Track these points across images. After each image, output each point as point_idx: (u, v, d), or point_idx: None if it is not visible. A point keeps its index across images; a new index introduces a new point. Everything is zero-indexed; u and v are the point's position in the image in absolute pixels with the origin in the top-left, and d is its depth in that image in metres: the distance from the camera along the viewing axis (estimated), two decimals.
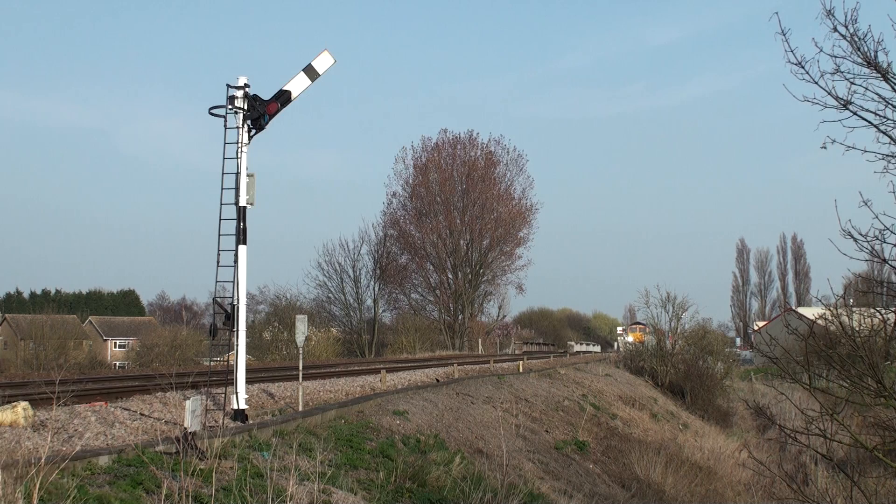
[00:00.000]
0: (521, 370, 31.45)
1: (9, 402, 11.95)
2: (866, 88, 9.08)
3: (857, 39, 8.92)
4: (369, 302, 69.36)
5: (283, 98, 14.48)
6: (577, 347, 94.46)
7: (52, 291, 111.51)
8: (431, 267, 68.43)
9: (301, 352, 17.10)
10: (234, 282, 14.07)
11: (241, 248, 14.08)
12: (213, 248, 13.85)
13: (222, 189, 14.32)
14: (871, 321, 11.90)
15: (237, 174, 14.19)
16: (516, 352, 68.68)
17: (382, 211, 70.55)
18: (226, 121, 14.22)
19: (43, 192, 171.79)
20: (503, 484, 13.59)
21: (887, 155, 9.15)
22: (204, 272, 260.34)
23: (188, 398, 12.12)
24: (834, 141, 9.10)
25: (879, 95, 9.09)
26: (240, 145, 14.18)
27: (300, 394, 15.95)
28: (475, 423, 19.36)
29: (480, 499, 11.89)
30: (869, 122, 9.18)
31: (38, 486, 6.93)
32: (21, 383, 19.15)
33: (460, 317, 67.24)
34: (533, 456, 18.77)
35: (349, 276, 68.12)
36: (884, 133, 9.20)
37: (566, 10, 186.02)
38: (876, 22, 8.95)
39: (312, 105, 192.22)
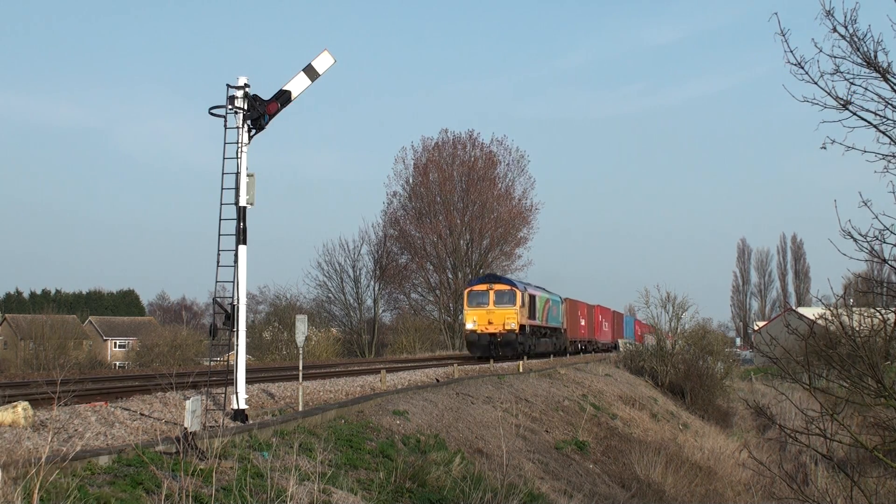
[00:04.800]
0: (521, 370, 31.43)
1: (9, 402, 11.95)
2: (866, 88, 9.10)
3: (856, 39, 8.93)
4: (369, 302, 69.44)
5: (283, 98, 14.49)
6: None
7: (52, 291, 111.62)
8: (431, 267, 68.41)
9: (301, 352, 17.10)
10: (234, 282, 14.08)
11: (241, 248, 14.09)
12: (213, 248, 13.89)
13: (222, 189, 14.35)
14: (871, 321, 11.92)
15: (237, 174, 14.20)
16: None
17: (382, 211, 70.60)
18: (226, 121, 14.23)
19: (43, 192, 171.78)
20: (503, 484, 13.59)
21: (887, 155, 9.17)
22: (204, 272, 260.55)
23: (188, 398, 12.13)
24: (834, 141, 9.13)
25: (879, 95, 9.10)
26: (240, 145, 14.19)
27: (300, 394, 15.95)
28: (475, 423, 19.36)
29: (480, 499, 11.89)
30: (869, 122, 9.19)
31: (38, 486, 6.93)
32: (21, 383, 19.17)
33: (460, 317, 67.28)
34: (533, 456, 18.77)
35: (349, 276, 68.20)
36: (884, 133, 9.22)
37: (566, 9, 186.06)
38: (876, 22, 8.96)
39: (312, 105, 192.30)
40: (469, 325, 38.26)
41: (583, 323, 55.50)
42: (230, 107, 14.17)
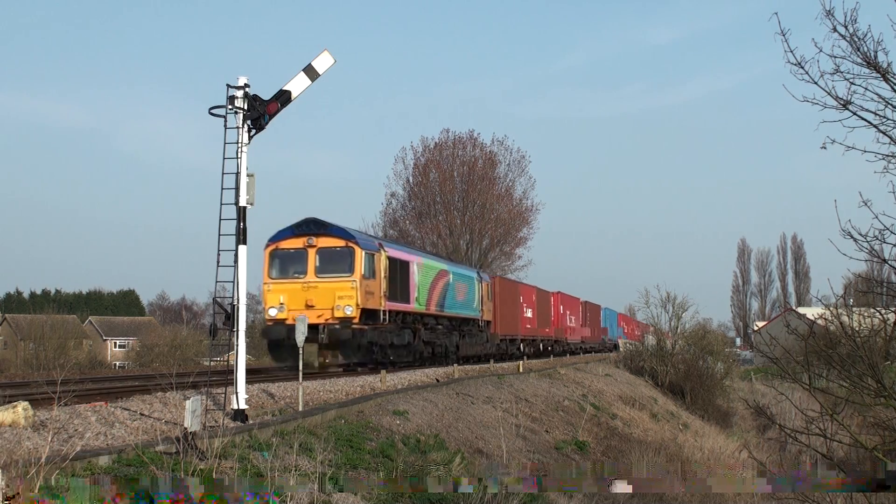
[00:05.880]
0: (521, 370, 31.44)
1: (9, 402, 11.95)
2: (866, 88, 9.13)
3: (856, 39, 8.95)
4: None
5: (283, 98, 14.48)
6: None
7: (52, 291, 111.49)
8: None
9: (301, 352, 17.08)
10: (234, 282, 14.09)
11: (241, 248, 14.09)
12: (213, 248, 13.89)
13: (222, 189, 14.36)
14: (871, 321, 11.94)
15: (237, 174, 14.19)
16: None
17: (381, 211, 70.50)
18: (226, 121, 14.22)
19: (43, 192, 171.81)
20: (503, 484, 13.57)
21: (887, 155, 9.19)
22: (204, 272, 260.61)
23: (188, 398, 12.12)
24: (834, 141, 9.15)
25: (879, 95, 9.12)
26: (240, 145, 14.18)
27: (300, 394, 15.95)
28: (475, 423, 19.37)
29: (480, 499, 11.89)
30: (869, 122, 9.21)
31: (37, 486, 6.93)
32: (21, 383, 19.17)
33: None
34: (533, 456, 18.77)
35: None
36: (884, 133, 9.24)
37: (565, 9, 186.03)
38: (876, 22, 8.97)
39: (313, 105, 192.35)
40: (272, 311, 22.63)
41: (528, 314, 41.76)
42: (230, 107, 14.16)
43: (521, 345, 41.45)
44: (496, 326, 36.63)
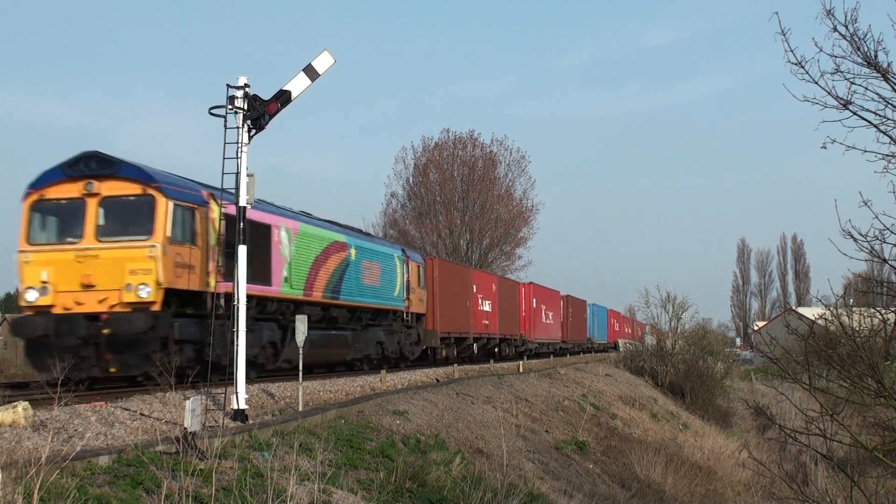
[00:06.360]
0: (521, 370, 31.46)
1: (9, 402, 11.95)
2: (866, 88, 9.13)
3: (857, 39, 8.95)
4: None
5: (283, 98, 14.49)
6: None
7: None
8: None
9: (301, 352, 17.08)
10: (234, 281, 14.12)
11: (241, 248, 14.10)
12: None
13: (222, 189, 14.40)
14: (871, 321, 11.96)
15: (237, 174, 14.21)
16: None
17: (381, 211, 70.52)
18: (226, 121, 14.23)
19: None
20: (503, 484, 13.59)
21: (887, 155, 9.19)
22: None
23: (188, 398, 12.13)
24: (834, 141, 9.15)
25: (879, 95, 9.13)
26: (240, 145, 14.19)
27: (300, 394, 15.95)
28: (475, 423, 19.36)
29: (480, 499, 11.91)
30: (869, 122, 9.21)
31: (38, 486, 6.93)
32: (21, 383, 19.14)
33: None
34: (533, 456, 18.78)
35: None
36: (884, 133, 9.24)
37: (566, 10, 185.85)
38: (876, 22, 8.97)
39: (313, 105, 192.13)
40: (30, 295, 15.33)
41: (486, 308, 35.21)
42: (230, 107, 14.17)
43: (475, 345, 34.69)
44: (434, 322, 29.53)
